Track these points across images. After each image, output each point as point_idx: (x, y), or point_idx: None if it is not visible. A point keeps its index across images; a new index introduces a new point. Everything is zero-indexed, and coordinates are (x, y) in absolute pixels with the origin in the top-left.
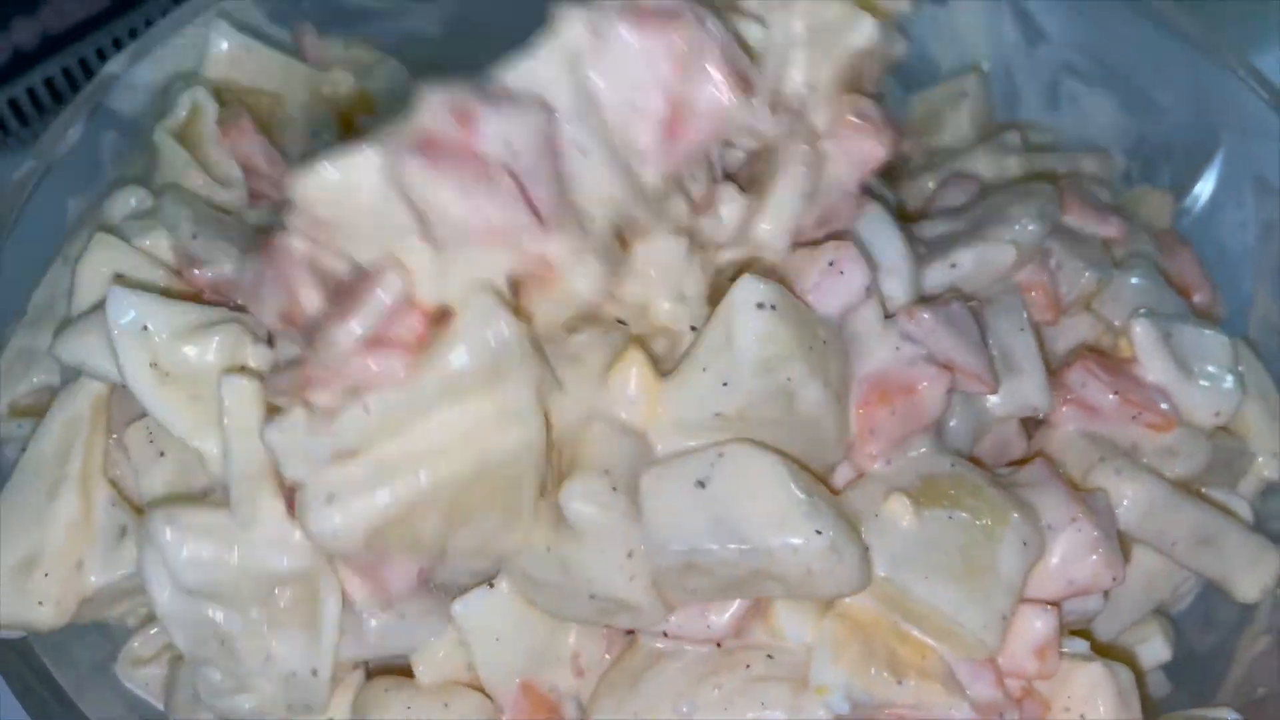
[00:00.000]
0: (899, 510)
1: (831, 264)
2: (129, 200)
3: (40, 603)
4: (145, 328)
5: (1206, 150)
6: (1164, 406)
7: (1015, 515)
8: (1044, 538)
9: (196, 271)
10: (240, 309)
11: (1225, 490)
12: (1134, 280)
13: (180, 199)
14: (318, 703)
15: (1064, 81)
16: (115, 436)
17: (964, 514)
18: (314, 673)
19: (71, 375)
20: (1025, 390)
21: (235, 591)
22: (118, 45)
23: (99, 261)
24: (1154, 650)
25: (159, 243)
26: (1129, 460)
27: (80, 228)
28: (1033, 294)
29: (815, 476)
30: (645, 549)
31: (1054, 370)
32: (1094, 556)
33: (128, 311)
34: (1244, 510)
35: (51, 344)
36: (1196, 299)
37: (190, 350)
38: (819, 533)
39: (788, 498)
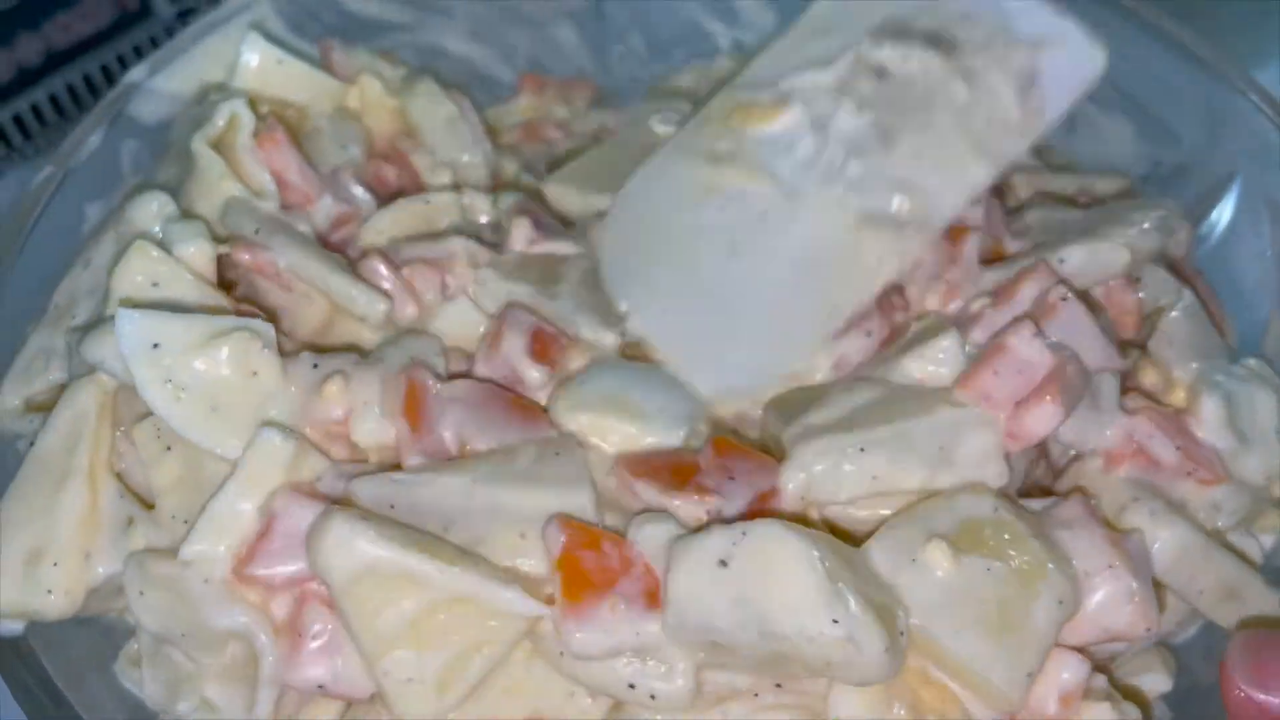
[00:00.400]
0: (937, 558)
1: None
2: (152, 206)
3: (49, 592)
4: (156, 345)
5: (1223, 177)
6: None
7: (1052, 568)
8: (1080, 592)
9: (247, 256)
10: (252, 313)
11: (1241, 531)
12: (1175, 314)
13: (245, 204)
14: None
15: (1081, 106)
16: (122, 430)
17: (1001, 565)
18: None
19: (80, 371)
20: (1099, 429)
21: (189, 638)
22: (121, 62)
23: (135, 269)
24: (1155, 681)
25: (202, 249)
26: (1165, 504)
27: (102, 231)
28: (1121, 314)
29: (853, 559)
30: (670, 623)
31: None
32: (1129, 606)
33: (137, 331)
34: (1255, 550)
35: (79, 340)
36: None
37: (201, 364)
38: (835, 622)
39: (808, 583)
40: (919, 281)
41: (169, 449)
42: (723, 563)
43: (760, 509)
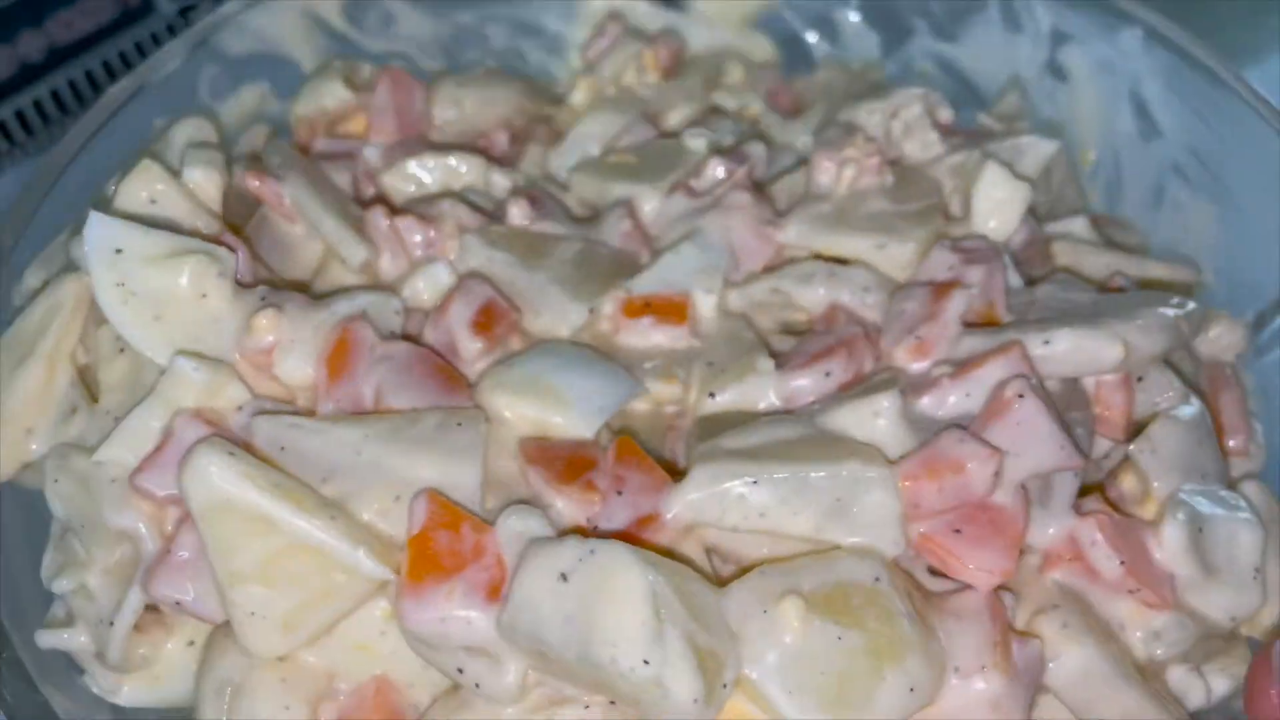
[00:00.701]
0: (788, 615)
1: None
2: (189, 129)
3: None
4: (119, 251)
5: None
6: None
7: (912, 658)
8: (938, 685)
9: (256, 183)
10: (225, 243)
11: (1188, 668)
12: (1164, 422)
13: (287, 148)
14: (111, 653)
15: (1170, 183)
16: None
17: (856, 637)
18: (111, 623)
19: (70, 268)
20: (1042, 526)
21: (86, 529)
22: (123, 58)
23: (138, 185)
24: None
25: (209, 176)
26: (1083, 619)
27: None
28: (1107, 412)
29: (700, 599)
30: (504, 622)
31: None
32: (988, 713)
33: (102, 235)
34: (1199, 691)
35: (67, 238)
36: (1231, 443)
37: (157, 274)
38: (646, 663)
39: (633, 617)
40: (893, 332)
41: (121, 352)
42: (564, 576)
43: (637, 533)
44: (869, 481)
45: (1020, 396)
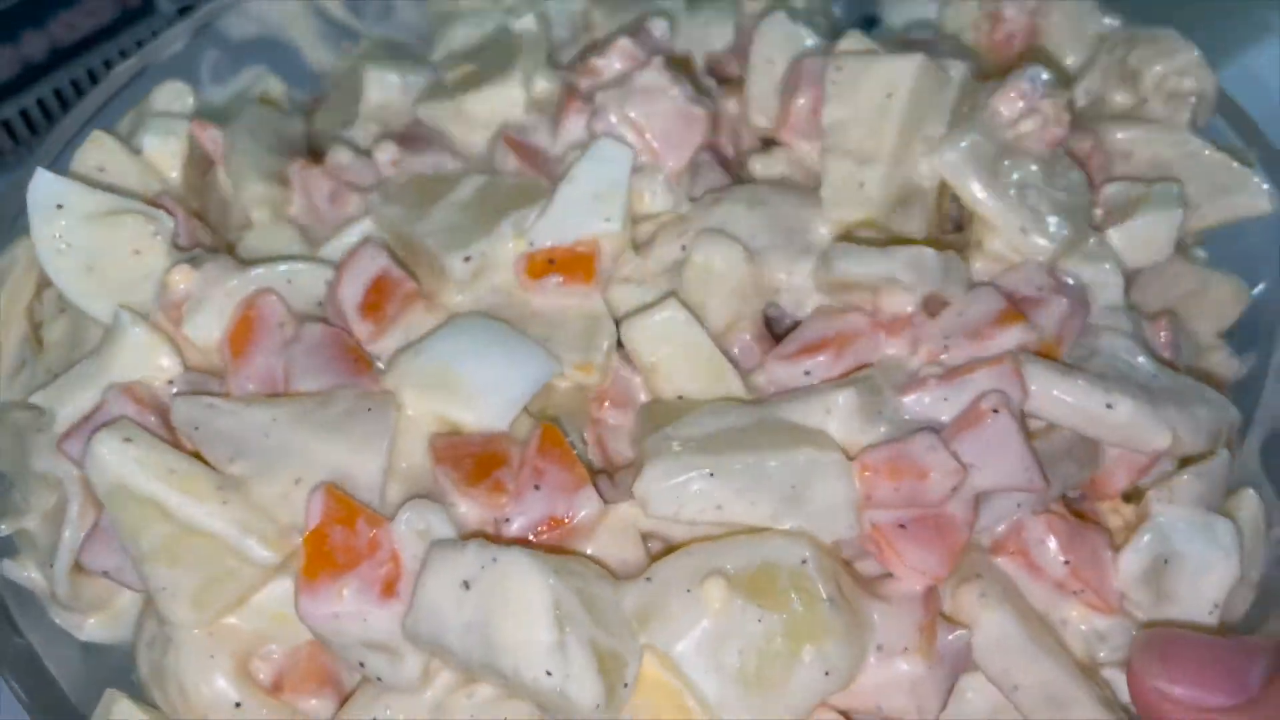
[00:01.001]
0: (711, 594)
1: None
2: (166, 94)
3: None
4: (59, 206)
5: None
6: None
7: (831, 642)
8: (855, 670)
9: (201, 131)
10: (167, 207)
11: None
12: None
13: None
14: (58, 592)
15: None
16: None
17: (777, 619)
18: (52, 565)
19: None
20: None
21: (19, 479)
22: (124, 56)
23: (89, 156)
24: None
25: (166, 144)
26: (1000, 588)
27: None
28: (1106, 482)
29: (602, 600)
30: (408, 624)
31: None
32: (904, 695)
33: (46, 190)
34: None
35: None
36: None
37: (94, 230)
38: (549, 674)
39: (534, 629)
40: (935, 333)
41: (62, 311)
42: (465, 584)
43: (550, 536)
44: (824, 466)
45: (995, 411)
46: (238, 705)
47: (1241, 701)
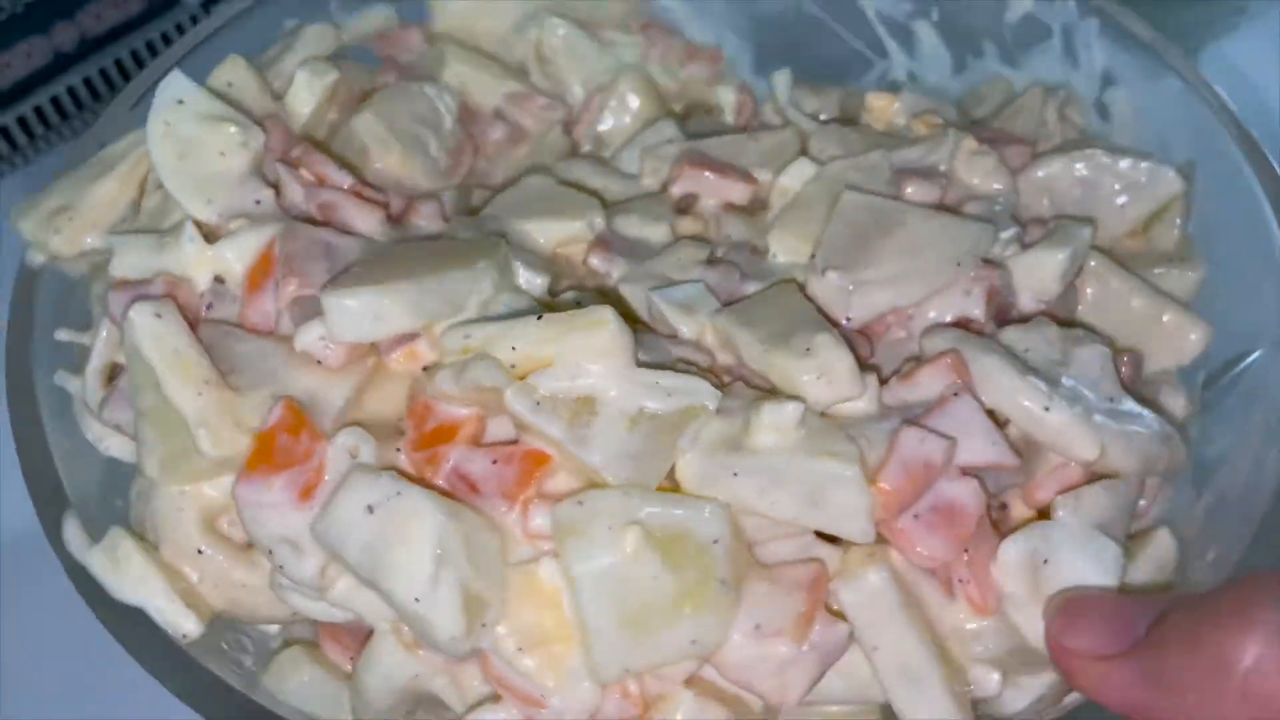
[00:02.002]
0: (626, 540)
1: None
2: (311, 37)
3: (57, 233)
4: (180, 101)
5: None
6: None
7: (707, 617)
8: (717, 645)
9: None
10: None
11: (992, 669)
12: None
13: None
14: (88, 399)
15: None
16: None
17: (668, 581)
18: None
19: None
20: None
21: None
22: (150, 48)
23: (222, 74)
24: None
25: (311, 86)
26: (872, 559)
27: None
28: (1031, 486)
29: (487, 551)
30: (316, 527)
31: None
32: (771, 677)
33: (175, 87)
34: (990, 685)
35: None
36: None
37: (197, 125)
38: (417, 600)
39: (416, 560)
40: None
41: (158, 188)
42: (370, 509)
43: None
44: (842, 480)
45: (955, 395)
46: (200, 552)
47: (1126, 647)
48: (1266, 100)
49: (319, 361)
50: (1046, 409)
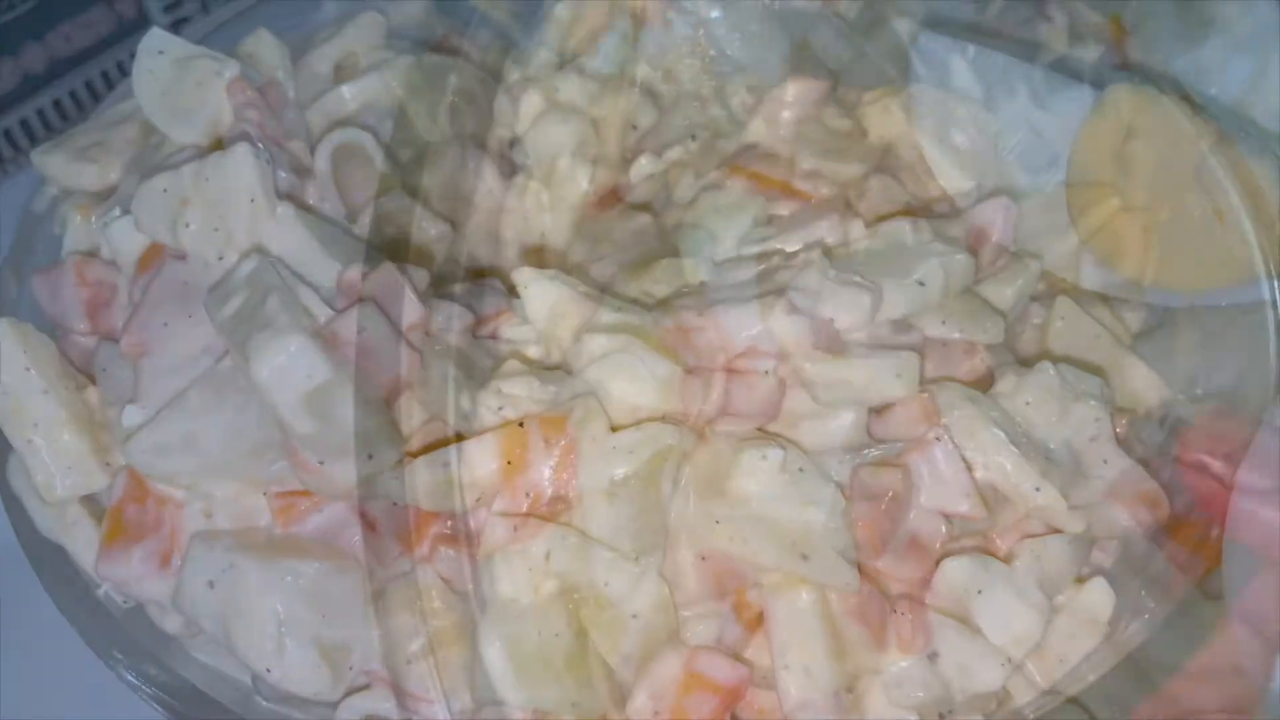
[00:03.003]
0: (543, 589)
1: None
2: (362, 24)
3: (92, 161)
4: (161, 52)
5: None
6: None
7: (595, 691)
8: (602, 711)
9: None
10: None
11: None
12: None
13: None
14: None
15: None
16: None
17: (567, 643)
18: None
19: None
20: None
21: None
22: (120, 68)
23: (248, 46)
24: None
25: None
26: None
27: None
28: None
29: (339, 596)
30: (174, 600)
31: None
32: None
33: (156, 41)
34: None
35: None
36: None
37: (176, 68)
38: (269, 671)
39: (258, 634)
40: None
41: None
42: (211, 584)
43: None
44: (827, 532)
45: (936, 440)
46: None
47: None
48: None
49: None
50: (1038, 489)
